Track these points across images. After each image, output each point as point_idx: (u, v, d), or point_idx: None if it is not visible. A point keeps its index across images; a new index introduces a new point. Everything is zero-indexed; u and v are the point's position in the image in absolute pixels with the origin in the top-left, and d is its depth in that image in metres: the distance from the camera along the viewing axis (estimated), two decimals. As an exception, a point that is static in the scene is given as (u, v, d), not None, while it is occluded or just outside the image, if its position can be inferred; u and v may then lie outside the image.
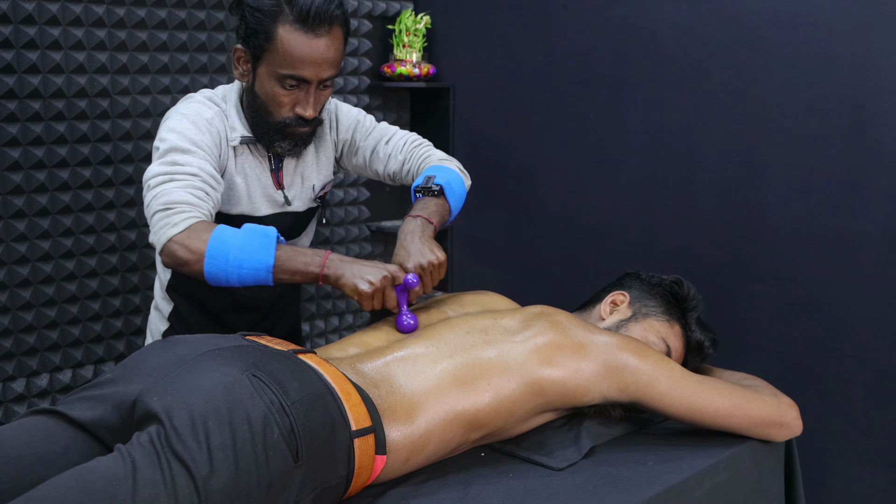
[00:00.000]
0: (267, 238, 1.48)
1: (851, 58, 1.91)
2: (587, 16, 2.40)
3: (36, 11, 2.08)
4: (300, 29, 1.56)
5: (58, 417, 1.24)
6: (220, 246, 1.46)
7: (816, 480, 2.07)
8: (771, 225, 2.08)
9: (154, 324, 1.90)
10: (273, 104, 1.64)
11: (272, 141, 1.69)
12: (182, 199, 1.51)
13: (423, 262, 1.55)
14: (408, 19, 2.76)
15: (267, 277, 1.48)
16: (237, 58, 1.66)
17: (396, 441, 1.34)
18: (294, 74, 1.59)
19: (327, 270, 1.49)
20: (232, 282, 1.49)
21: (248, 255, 1.46)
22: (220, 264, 1.46)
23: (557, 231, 2.58)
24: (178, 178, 1.54)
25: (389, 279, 1.50)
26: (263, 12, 1.57)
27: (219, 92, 1.73)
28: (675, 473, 1.47)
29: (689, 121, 2.21)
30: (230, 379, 1.18)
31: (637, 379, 1.50)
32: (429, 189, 1.71)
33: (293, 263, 1.48)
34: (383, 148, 1.85)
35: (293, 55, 1.57)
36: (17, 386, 2.20)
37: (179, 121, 1.62)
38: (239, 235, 1.48)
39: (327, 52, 1.59)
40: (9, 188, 2.11)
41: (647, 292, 1.77)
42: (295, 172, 1.80)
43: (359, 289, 1.46)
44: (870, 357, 1.97)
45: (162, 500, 1.07)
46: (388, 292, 1.50)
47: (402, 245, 1.59)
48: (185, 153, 1.57)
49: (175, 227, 1.48)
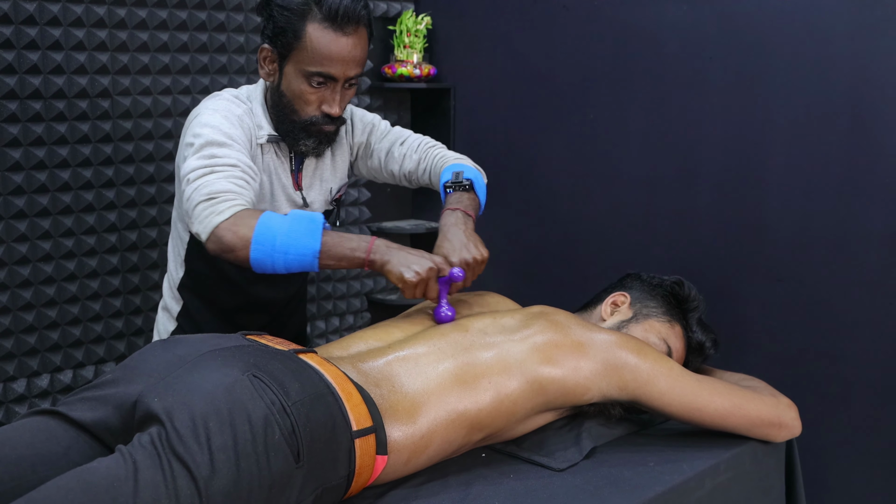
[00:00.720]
0: (313, 223, 1.49)
1: (851, 58, 1.91)
2: (588, 16, 2.41)
3: (37, 12, 2.08)
4: (329, 27, 1.58)
5: (59, 418, 1.24)
6: (266, 232, 1.46)
7: (817, 481, 2.07)
8: (771, 225, 2.08)
9: (162, 324, 1.90)
10: (300, 102, 1.65)
11: (297, 139, 1.70)
12: (225, 188, 1.52)
13: (469, 258, 1.57)
14: (409, 20, 2.76)
15: (313, 263, 1.48)
16: (263, 57, 1.67)
17: (398, 441, 1.34)
18: (322, 72, 1.61)
19: (373, 256, 1.49)
20: (278, 268, 1.49)
21: (294, 241, 1.47)
22: (267, 250, 1.46)
23: (558, 232, 2.58)
24: (218, 169, 1.55)
25: (435, 271, 1.50)
26: (292, 11, 1.59)
27: (243, 91, 1.75)
28: (675, 474, 1.47)
29: (689, 121, 2.21)
30: (231, 380, 1.18)
31: (636, 377, 1.50)
32: (460, 184, 1.73)
33: (339, 249, 1.49)
34: (398, 149, 1.87)
35: (322, 52, 1.59)
36: (17, 386, 2.20)
37: (212, 115, 1.63)
38: (286, 221, 1.49)
39: (354, 50, 1.61)
40: (10, 189, 2.11)
41: (647, 293, 1.77)
42: (314, 174, 1.82)
43: (404, 277, 1.47)
44: (871, 358, 1.97)
45: (163, 502, 1.07)
46: (432, 283, 1.51)
47: (447, 237, 1.61)
48: (221, 146, 1.58)
49: (221, 214, 1.49)
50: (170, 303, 1.87)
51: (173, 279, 1.85)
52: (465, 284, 1.58)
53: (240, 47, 2.48)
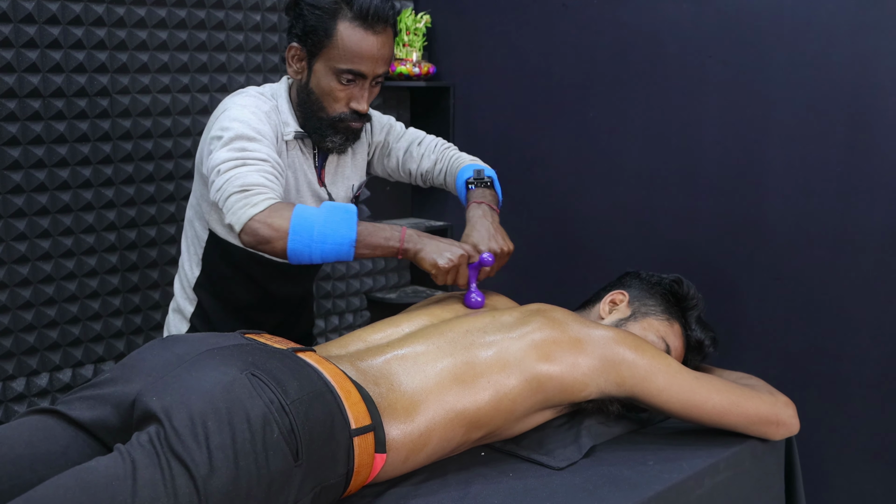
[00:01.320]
0: (348, 214, 1.54)
1: (851, 57, 1.91)
2: (588, 15, 2.40)
3: (35, 10, 2.08)
4: (360, 26, 1.63)
5: (57, 417, 1.24)
6: (303, 223, 1.51)
7: (817, 479, 2.07)
8: (771, 224, 2.08)
9: (174, 326, 1.91)
10: (328, 99, 1.69)
11: (324, 136, 1.74)
12: (257, 181, 1.55)
13: (497, 248, 1.65)
14: (408, 18, 2.76)
15: (349, 252, 1.53)
16: (291, 56, 1.70)
17: (396, 439, 1.34)
18: (352, 69, 1.65)
19: (407, 245, 1.56)
20: (314, 257, 1.53)
21: (331, 230, 1.51)
22: (305, 240, 1.51)
23: (557, 230, 2.58)
24: (249, 162, 1.58)
25: (465, 257, 1.58)
26: (324, 10, 1.63)
27: (267, 89, 1.77)
28: (675, 473, 1.47)
29: (689, 120, 2.21)
30: (229, 378, 1.18)
31: (634, 373, 1.50)
32: (482, 180, 1.80)
33: (374, 238, 1.55)
34: (416, 149, 1.93)
35: (352, 50, 1.64)
36: (17, 385, 2.20)
37: (241, 111, 1.65)
38: (322, 212, 1.54)
39: (383, 49, 1.66)
40: (8, 187, 2.11)
41: (646, 291, 1.77)
42: (336, 172, 1.86)
43: (438, 264, 1.54)
44: (870, 356, 1.97)
45: (162, 501, 1.07)
46: (463, 270, 1.59)
47: (475, 228, 1.68)
48: (251, 140, 1.61)
49: (255, 206, 1.52)
50: (183, 304, 1.88)
51: (188, 279, 1.86)
52: (490, 274, 1.65)
53: (239, 45, 2.48)
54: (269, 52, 2.55)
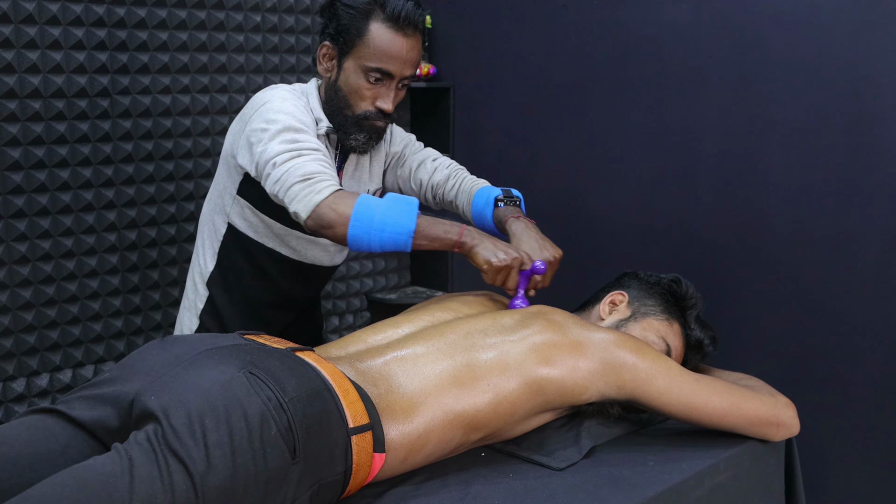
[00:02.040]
0: (409, 205, 1.58)
1: (852, 58, 1.91)
2: (588, 16, 2.41)
3: (36, 11, 2.08)
4: (391, 27, 1.68)
5: (57, 416, 1.24)
6: (365, 210, 1.55)
7: (817, 480, 2.07)
8: (771, 224, 2.08)
9: (185, 323, 1.92)
10: (355, 97, 1.73)
11: (349, 134, 1.77)
12: (318, 169, 1.60)
13: (550, 257, 1.67)
14: (408, 19, 2.76)
15: (407, 242, 1.56)
16: (323, 54, 1.75)
17: (395, 440, 1.34)
18: (381, 68, 1.69)
19: (465, 238, 1.59)
20: (373, 245, 1.56)
21: (392, 220, 1.55)
22: (365, 227, 1.54)
23: (557, 231, 2.57)
24: (304, 153, 1.62)
25: (519, 261, 1.59)
26: (358, 10, 1.69)
27: (297, 87, 1.81)
28: (675, 473, 1.47)
29: (689, 121, 2.21)
30: (227, 377, 1.19)
31: (634, 376, 1.50)
32: (511, 198, 1.86)
33: (433, 230, 1.58)
34: (431, 163, 1.98)
35: (382, 49, 1.68)
36: (17, 386, 2.20)
37: (283, 103, 1.70)
38: (383, 201, 1.58)
39: (411, 52, 1.71)
40: (9, 188, 2.11)
41: (645, 291, 1.77)
42: (353, 176, 1.89)
43: (491, 260, 1.56)
44: (870, 357, 1.97)
45: (159, 497, 1.07)
46: (513, 273, 1.60)
47: (523, 240, 1.70)
48: (299, 132, 1.66)
49: (320, 193, 1.57)
50: (193, 300, 1.90)
51: (202, 273, 1.88)
52: (544, 283, 1.66)
53: (239, 46, 2.48)
54: (269, 53, 2.55)
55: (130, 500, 1.06)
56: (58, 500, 1.05)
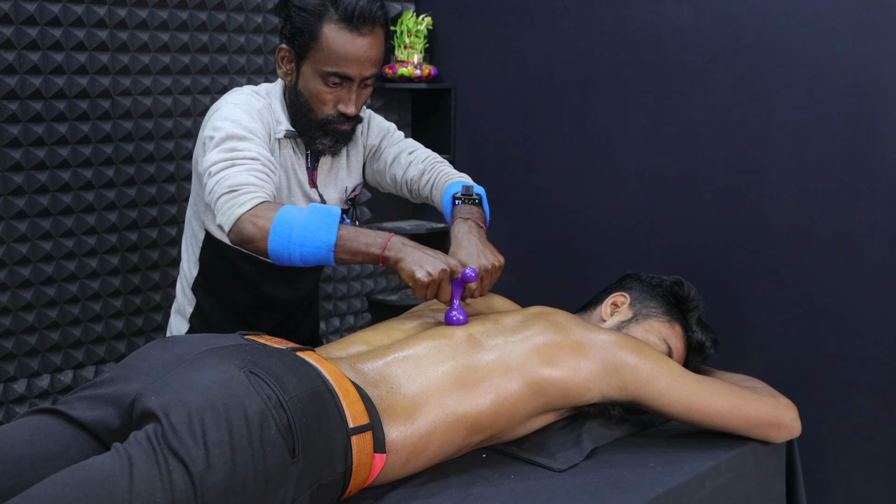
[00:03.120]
0: (330, 217, 1.50)
1: (853, 60, 1.91)
2: (589, 17, 2.41)
3: (37, 12, 2.08)
4: (345, 28, 1.61)
5: (58, 417, 1.24)
6: (284, 223, 1.48)
7: (818, 482, 2.07)
8: (772, 226, 2.08)
9: (175, 327, 1.91)
10: (316, 101, 1.67)
11: (314, 138, 1.72)
12: (246, 180, 1.54)
13: (487, 265, 1.57)
14: (409, 20, 2.76)
15: (328, 256, 1.49)
16: (281, 57, 1.69)
17: (396, 441, 1.34)
18: (338, 72, 1.63)
19: (388, 252, 1.49)
20: (294, 260, 1.50)
21: (310, 234, 1.48)
22: (284, 241, 1.48)
23: (558, 232, 2.58)
24: (239, 162, 1.57)
25: (448, 273, 1.49)
26: (309, 11, 1.61)
27: (262, 88, 1.77)
28: (676, 475, 1.47)
29: (690, 122, 2.21)
30: (227, 376, 1.19)
31: (636, 377, 1.50)
32: (469, 197, 1.75)
33: (355, 244, 1.49)
34: (406, 156, 1.89)
35: (338, 53, 1.61)
36: (18, 387, 2.20)
37: (232, 110, 1.65)
38: (303, 213, 1.50)
39: (370, 50, 1.63)
40: (10, 189, 2.11)
41: (647, 293, 1.77)
42: (329, 173, 1.84)
43: (416, 276, 1.46)
44: (871, 359, 1.96)
45: (158, 496, 1.07)
46: (444, 285, 1.50)
47: (461, 245, 1.61)
48: (241, 140, 1.61)
49: (243, 206, 1.51)
50: (183, 304, 1.88)
51: (187, 279, 1.86)
52: (481, 292, 1.58)
53: (240, 48, 2.48)
54: (270, 54, 2.55)
55: (130, 499, 1.06)
56: (58, 500, 1.05)
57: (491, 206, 2.72)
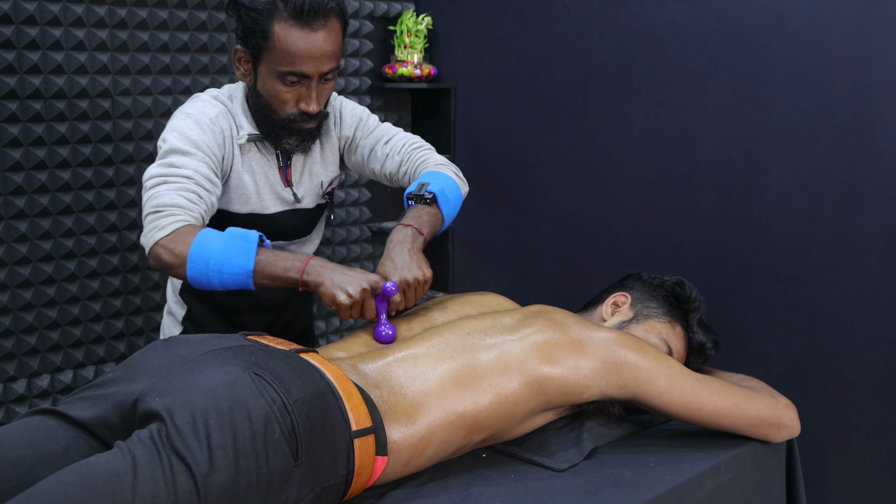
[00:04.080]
0: (247, 242, 1.46)
1: (853, 60, 1.91)
2: (589, 17, 2.40)
3: (37, 12, 2.08)
4: (296, 24, 1.55)
5: (59, 417, 1.24)
6: (201, 250, 1.45)
7: (818, 482, 2.07)
8: (772, 227, 2.08)
9: (168, 329, 1.90)
10: (276, 101, 1.63)
11: (279, 138, 1.69)
12: (173, 202, 1.51)
13: (409, 278, 1.52)
14: (409, 20, 2.76)
15: (247, 282, 1.46)
16: (238, 58, 1.65)
17: (397, 442, 1.34)
18: (294, 71, 1.58)
19: (307, 277, 1.46)
20: (214, 286, 1.47)
21: (228, 260, 1.45)
22: (202, 269, 1.45)
23: (559, 232, 2.58)
24: (171, 180, 1.54)
25: (369, 291, 1.46)
26: (258, 11, 1.56)
27: (225, 91, 1.74)
28: (676, 474, 1.47)
29: (690, 122, 2.21)
30: (232, 377, 1.19)
31: (636, 375, 1.50)
32: (422, 196, 1.67)
33: (273, 269, 1.46)
34: (382, 147, 1.83)
35: (291, 51, 1.56)
36: (18, 387, 2.20)
37: (183, 120, 1.62)
38: (221, 240, 1.46)
39: (325, 45, 1.58)
40: (10, 189, 2.11)
41: (648, 293, 1.77)
42: (304, 169, 1.80)
43: (337, 300, 1.43)
44: (871, 359, 1.96)
45: (162, 497, 1.07)
46: (367, 303, 1.47)
47: (390, 256, 1.56)
48: (183, 155, 1.57)
49: (162, 230, 1.48)
50: (174, 308, 1.87)
51: (175, 284, 1.85)
52: (406, 305, 1.54)
53: (240, 47, 2.48)
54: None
55: (133, 499, 1.06)
56: (61, 499, 1.05)
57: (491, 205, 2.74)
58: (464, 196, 1.80)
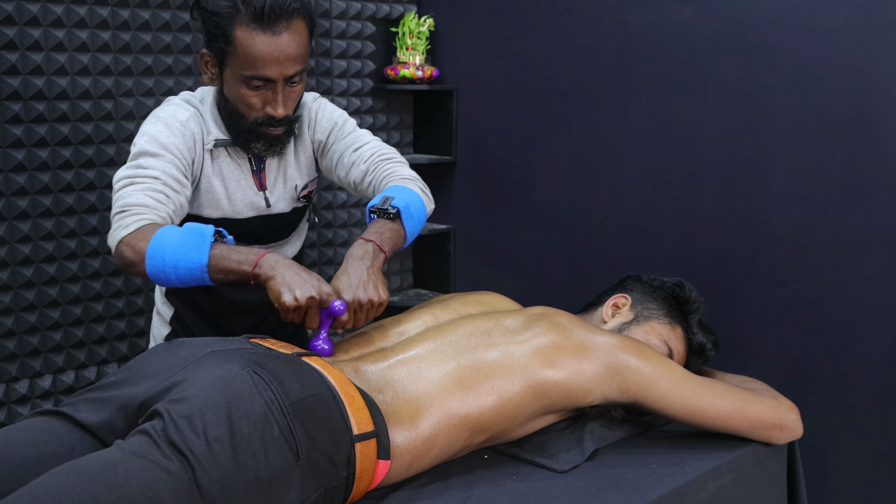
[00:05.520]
0: (201, 237, 1.44)
1: (854, 61, 1.91)
2: (590, 18, 2.41)
3: (41, 13, 2.09)
4: (257, 28, 1.52)
5: (63, 419, 1.24)
6: (158, 247, 1.43)
7: (819, 483, 2.07)
8: (773, 228, 2.08)
9: (157, 329, 1.89)
10: (243, 106, 1.60)
11: (248, 142, 1.66)
12: (139, 201, 1.50)
13: (363, 298, 1.44)
14: (411, 22, 2.76)
15: (203, 277, 1.43)
16: (204, 62, 1.62)
17: (401, 446, 1.34)
18: (257, 75, 1.55)
19: (258, 270, 1.41)
20: (172, 282, 1.45)
21: (182, 255, 1.42)
22: (159, 264, 1.43)
23: (560, 233, 2.58)
24: (138, 181, 1.53)
25: (316, 301, 1.39)
26: (220, 15, 1.53)
27: (197, 94, 1.71)
28: (677, 476, 1.47)
29: (691, 124, 2.22)
30: (231, 374, 1.20)
31: (638, 380, 1.50)
32: (385, 211, 1.59)
33: (226, 262, 1.42)
34: (350, 154, 1.76)
35: (254, 56, 1.53)
36: (20, 387, 2.20)
37: (153, 124, 1.61)
38: (176, 235, 1.44)
39: (289, 48, 1.54)
40: (13, 189, 2.11)
41: (648, 295, 1.77)
42: (278, 173, 1.77)
43: (281, 299, 1.38)
44: (872, 360, 1.97)
45: (158, 485, 1.07)
46: (312, 312, 1.41)
47: (347, 271, 1.49)
48: (152, 157, 1.56)
49: (126, 228, 1.47)
50: (162, 308, 1.87)
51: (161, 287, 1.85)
52: (354, 324, 1.46)
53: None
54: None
55: (128, 484, 1.06)
56: (56, 486, 1.06)
57: (492, 206, 2.74)
58: (429, 212, 1.73)
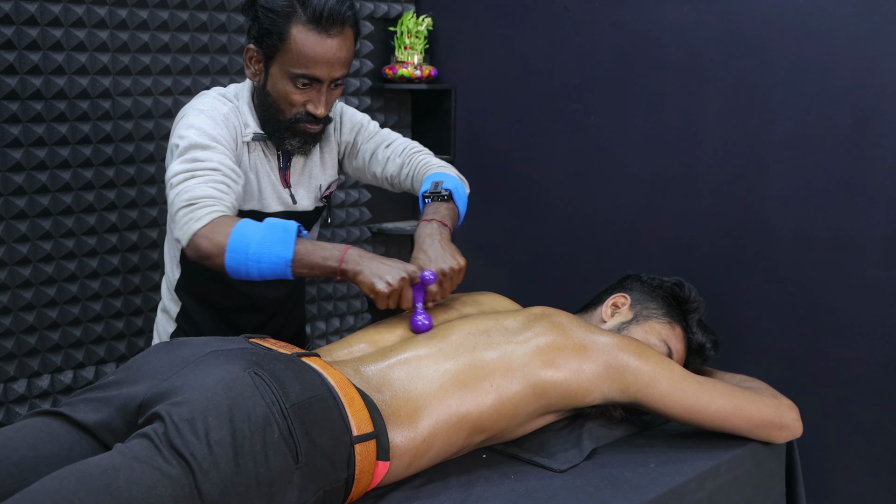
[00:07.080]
0: (286, 232, 1.49)
1: (853, 60, 1.91)
2: (589, 18, 2.41)
3: (38, 13, 2.08)
4: (313, 29, 1.59)
5: (61, 419, 1.24)
6: (240, 240, 1.47)
7: (818, 482, 2.07)
8: (772, 227, 2.08)
9: (161, 326, 1.90)
10: (285, 103, 1.66)
11: (283, 138, 1.71)
12: (205, 193, 1.53)
13: (445, 268, 1.56)
14: (409, 21, 2.76)
15: (286, 271, 1.49)
16: (249, 58, 1.68)
17: (400, 446, 1.34)
18: (307, 74, 1.61)
19: (345, 265, 1.49)
20: (252, 275, 1.49)
21: (267, 249, 1.47)
22: (241, 258, 1.47)
23: (559, 232, 2.58)
24: (199, 174, 1.56)
25: (407, 280, 1.49)
26: (277, 13, 1.59)
27: (231, 89, 1.76)
28: (676, 475, 1.47)
29: (690, 123, 2.22)
30: (232, 376, 1.19)
31: (638, 380, 1.50)
32: (438, 194, 1.72)
33: (312, 258, 1.49)
34: (383, 151, 1.87)
35: (306, 55, 1.60)
36: (18, 387, 2.20)
37: (197, 116, 1.64)
38: (260, 229, 1.49)
39: (339, 52, 1.62)
40: (10, 189, 2.11)
41: (648, 294, 1.77)
42: (302, 172, 1.82)
43: (376, 288, 1.46)
44: (871, 359, 1.97)
45: (158, 490, 1.07)
46: (406, 293, 1.50)
47: (422, 249, 1.60)
48: (204, 149, 1.59)
49: (199, 221, 1.50)
50: (168, 304, 1.88)
51: (170, 281, 1.86)
52: (443, 296, 1.57)
53: (241, 48, 2.48)
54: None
55: (129, 489, 1.06)
56: (56, 491, 1.06)
57: (491, 206, 2.74)
58: (467, 195, 1.85)
